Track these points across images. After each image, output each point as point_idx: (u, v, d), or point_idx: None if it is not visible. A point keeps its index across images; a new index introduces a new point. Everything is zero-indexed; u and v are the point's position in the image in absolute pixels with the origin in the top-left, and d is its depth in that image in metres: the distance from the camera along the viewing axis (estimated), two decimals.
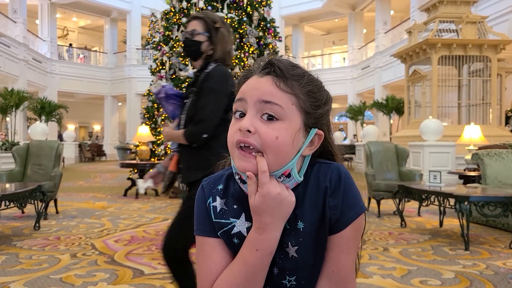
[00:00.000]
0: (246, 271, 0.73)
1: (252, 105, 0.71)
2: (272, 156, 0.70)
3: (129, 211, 5.62)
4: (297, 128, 0.72)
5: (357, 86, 19.38)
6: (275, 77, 0.72)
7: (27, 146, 5.72)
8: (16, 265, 3.12)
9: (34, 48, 17.74)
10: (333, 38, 24.68)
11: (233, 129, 0.73)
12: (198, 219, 0.80)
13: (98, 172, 13.02)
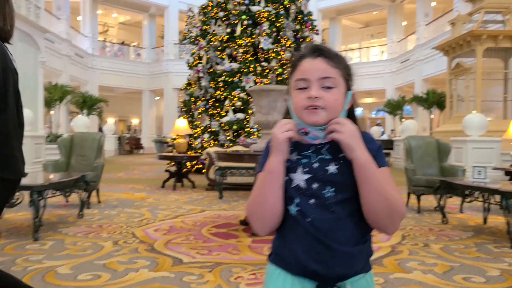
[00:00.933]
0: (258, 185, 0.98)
1: (314, 80, 0.97)
2: (332, 112, 0.97)
3: (167, 202, 5.74)
4: (344, 92, 0.99)
5: (396, 80, 18.94)
6: (325, 57, 0.98)
7: (71, 137, 5.93)
8: (63, 251, 3.25)
9: (76, 44, 18.34)
10: (371, 31, 24.19)
11: (301, 97, 0.97)
12: (260, 161, 1.04)
13: (136, 165, 13.35)
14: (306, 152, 0.98)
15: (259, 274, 2.74)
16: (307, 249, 0.94)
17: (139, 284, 2.55)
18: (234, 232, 3.94)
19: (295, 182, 0.97)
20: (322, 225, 0.93)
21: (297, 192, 0.96)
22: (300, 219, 0.95)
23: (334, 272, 0.94)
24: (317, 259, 0.93)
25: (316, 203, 0.95)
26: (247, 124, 8.79)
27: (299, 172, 0.97)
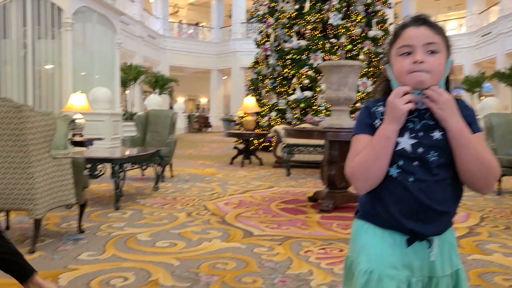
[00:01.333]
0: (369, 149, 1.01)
1: (419, 46, 1.00)
2: (435, 76, 1.00)
3: (236, 178, 5.88)
4: (445, 59, 1.03)
5: (475, 55, 17.69)
6: (428, 25, 1.02)
7: (146, 114, 6.23)
8: (141, 220, 3.47)
9: (149, 26, 19.03)
10: (448, 3, 22.65)
11: (405, 63, 1.01)
12: (358, 124, 1.08)
13: (205, 142, 13.77)
14: (410, 116, 1.02)
15: (328, 249, 2.75)
16: (406, 209, 1.01)
17: (213, 253, 2.66)
18: (302, 208, 3.97)
19: (400, 146, 1.01)
20: (424, 186, 0.99)
21: (401, 155, 1.01)
22: (402, 180, 1.00)
23: (430, 230, 1.01)
24: (415, 218, 1.00)
25: (420, 166, 1.00)
26: (315, 102, 8.70)
27: (406, 137, 1.01)
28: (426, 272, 1.03)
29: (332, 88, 3.82)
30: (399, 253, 1.02)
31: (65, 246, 2.75)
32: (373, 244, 1.04)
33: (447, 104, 0.97)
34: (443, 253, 1.04)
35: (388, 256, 1.02)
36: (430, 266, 1.03)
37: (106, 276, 2.25)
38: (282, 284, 2.18)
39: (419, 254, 1.02)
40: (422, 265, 1.02)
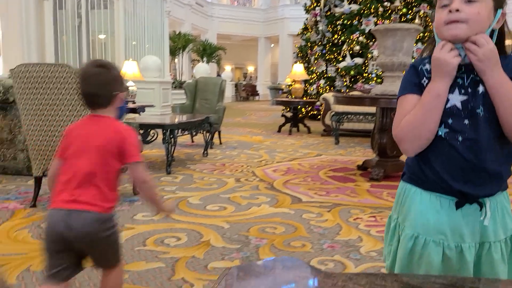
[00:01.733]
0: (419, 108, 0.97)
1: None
2: (474, 26, 0.92)
3: (284, 146, 5.88)
4: (490, 8, 0.93)
5: None
6: None
7: (196, 82, 6.30)
8: (192, 184, 3.57)
9: None
10: None
11: (443, 14, 0.96)
12: (404, 84, 1.04)
13: (253, 110, 13.81)
14: (459, 73, 0.96)
15: (378, 217, 2.71)
16: (455, 170, 0.96)
17: (261, 218, 2.70)
18: (351, 176, 3.92)
19: (450, 103, 0.96)
20: (474, 145, 0.94)
21: (451, 113, 0.96)
22: (450, 139, 0.96)
23: (480, 191, 0.96)
24: (464, 179, 0.96)
25: (470, 124, 0.95)
26: (366, 69, 8.44)
27: (456, 93, 0.96)
28: (478, 237, 0.98)
29: (386, 53, 3.67)
30: (446, 217, 0.98)
31: (121, 207, 2.89)
32: (419, 209, 1.01)
33: (486, 55, 0.91)
34: (495, 216, 0.98)
35: (435, 221, 0.99)
36: (482, 231, 0.98)
37: (160, 236, 2.35)
38: (331, 249, 2.19)
39: (470, 218, 0.97)
40: (473, 230, 0.98)
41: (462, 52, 0.95)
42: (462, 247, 0.98)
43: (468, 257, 0.98)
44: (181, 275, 1.87)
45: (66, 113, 2.63)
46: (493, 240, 0.98)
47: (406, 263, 1.04)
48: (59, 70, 2.55)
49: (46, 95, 2.61)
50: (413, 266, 1.02)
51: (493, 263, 0.98)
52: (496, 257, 0.98)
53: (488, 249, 0.98)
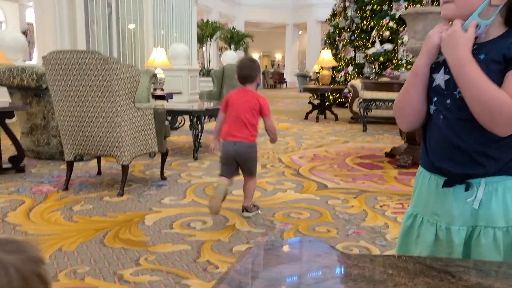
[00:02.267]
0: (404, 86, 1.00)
1: None
2: (461, 5, 0.90)
3: (311, 133, 5.85)
4: None
5: None
6: None
7: (222, 69, 6.32)
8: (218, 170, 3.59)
9: None
10: None
11: None
12: None
13: (280, 98, 13.75)
14: None
15: (406, 204, 2.68)
16: (438, 147, 0.97)
17: (287, 203, 2.71)
18: (379, 163, 3.87)
19: (436, 82, 0.96)
20: (454, 124, 0.93)
21: (435, 91, 0.96)
22: (435, 117, 0.96)
23: (461, 170, 0.94)
24: (445, 157, 0.96)
25: (451, 103, 0.93)
26: (395, 56, 8.25)
27: (441, 73, 0.95)
28: (470, 220, 0.95)
29: (416, 38, 3.57)
30: (440, 198, 0.97)
31: (149, 191, 2.95)
32: (419, 188, 1.03)
33: (450, 36, 0.89)
34: (490, 200, 0.93)
35: (431, 201, 0.99)
36: (472, 214, 0.94)
37: (187, 219, 2.39)
38: (356, 235, 2.18)
39: (460, 200, 0.95)
40: (463, 212, 0.95)
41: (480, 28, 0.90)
42: (452, 229, 0.96)
43: (456, 240, 0.96)
44: (206, 258, 1.91)
45: (96, 99, 2.69)
46: (484, 225, 0.94)
47: (403, 241, 1.06)
48: (89, 57, 2.61)
49: (77, 81, 2.68)
50: (411, 244, 1.04)
51: (480, 249, 0.95)
52: (484, 242, 0.94)
53: (478, 234, 0.95)
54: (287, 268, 0.80)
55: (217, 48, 18.41)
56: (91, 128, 2.77)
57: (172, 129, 5.49)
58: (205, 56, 17.09)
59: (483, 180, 0.93)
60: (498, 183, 0.93)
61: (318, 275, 0.79)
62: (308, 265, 0.83)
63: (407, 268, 0.82)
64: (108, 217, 2.42)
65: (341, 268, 0.84)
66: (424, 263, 0.86)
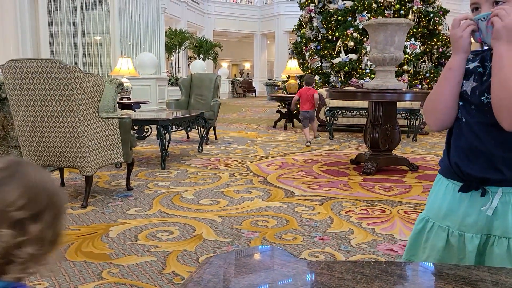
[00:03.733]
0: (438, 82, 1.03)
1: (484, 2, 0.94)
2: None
3: (279, 141, 5.90)
4: None
5: None
6: None
7: (190, 78, 6.30)
8: (186, 179, 3.58)
9: None
10: None
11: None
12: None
13: (249, 106, 13.80)
14: (487, 62, 0.98)
15: (370, 210, 2.73)
16: (459, 150, 1.00)
17: (254, 211, 2.72)
18: (344, 170, 3.94)
19: (463, 88, 0.99)
20: (475, 127, 0.96)
21: (462, 96, 1.00)
22: (460, 121, 1.00)
23: (479, 174, 0.96)
24: (466, 159, 0.98)
25: (476, 109, 0.97)
26: (360, 65, 8.44)
27: (470, 80, 0.99)
28: (484, 229, 0.96)
29: (378, 48, 3.68)
30: (456, 204, 1.00)
31: (115, 202, 2.90)
32: (435, 193, 1.05)
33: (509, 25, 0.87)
34: (509, 212, 0.94)
35: (445, 208, 1.01)
36: (487, 222, 0.95)
37: (153, 230, 2.36)
38: (322, 242, 2.21)
39: (475, 208, 0.96)
40: (478, 220, 0.96)
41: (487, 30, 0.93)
42: (465, 236, 0.97)
43: (469, 247, 0.97)
44: (172, 269, 1.88)
45: (57, 109, 2.63)
46: (498, 235, 0.95)
47: (412, 244, 1.08)
48: (50, 66, 2.56)
49: (37, 90, 2.61)
50: (419, 247, 1.06)
51: (493, 258, 0.96)
52: (497, 251, 0.95)
53: (492, 243, 0.96)
54: (245, 278, 0.81)
55: (186, 57, 18.33)
56: (53, 138, 2.70)
57: (139, 139, 5.42)
58: (173, 65, 16.98)
59: (500, 189, 0.94)
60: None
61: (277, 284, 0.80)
62: (266, 273, 0.84)
63: (363, 273, 0.84)
64: (70, 230, 2.36)
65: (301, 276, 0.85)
66: (379, 268, 0.89)
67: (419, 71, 8.43)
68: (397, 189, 3.28)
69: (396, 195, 3.11)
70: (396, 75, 4.02)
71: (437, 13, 8.64)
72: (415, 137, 6.09)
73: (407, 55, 8.02)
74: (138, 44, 10.73)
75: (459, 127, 1.00)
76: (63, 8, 9.42)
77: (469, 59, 1.00)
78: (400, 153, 4.56)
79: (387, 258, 2.02)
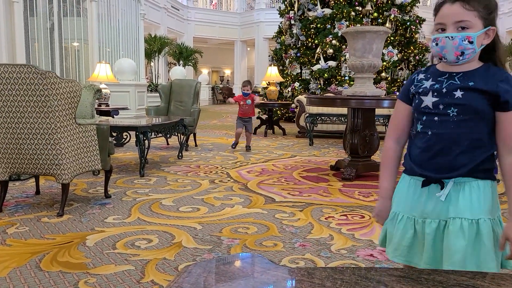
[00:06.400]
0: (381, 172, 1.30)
1: (450, 24, 1.10)
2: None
3: (259, 147, 5.90)
4: (480, 29, 1.09)
5: (508, 23, 16.90)
6: (462, 2, 1.08)
7: (170, 84, 6.26)
8: (165, 186, 3.54)
9: None
10: None
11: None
12: (402, 89, 1.25)
13: (230, 113, 13.79)
14: (440, 78, 1.14)
15: (350, 216, 2.75)
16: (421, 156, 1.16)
17: (234, 218, 2.70)
18: (324, 176, 3.96)
19: (424, 103, 1.15)
20: (440, 138, 1.12)
21: (424, 112, 1.15)
22: (423, 133, 1.15)
23: (439, 175, 1.14)
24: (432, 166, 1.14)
25: (439, 120, 1.12)
26: (339, 72, 8.54)
27: (429, 96, 1.14)
28: (441, 214, 1.13)
29: (356, 55, 3.73)
30: (417, 196, 1.17)
31: (92, 210, 2.84)
32: (400, 190, 1.22)
33: None
34: (458, 196, 1.12)
35: (409, 200, 1.19)
36: (442, 208, 1.13)
37: (131, 238, 2.32)
38: (302, 248, 2.21)
39: (432, 197, 1.15)
40: (435, 207, 1.14)
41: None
42: (425, 222, 1.15)
43: (427, 230, 1.14)
44: (150, 278, 1.85)
45: (33, 115, 2.58)
46: (453, 216, 1.11)
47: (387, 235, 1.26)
48: (25, 71, 2.50)
49: (12, 96, 2.55)
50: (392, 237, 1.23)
51: (449, 235, 1.11)
52: (452, 229, 1.10)
53: (448, 225, 1.12)
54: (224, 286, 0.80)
55: (166, 64, 18.23)
56: (28, 145, 2.64)
57: (117, 146, 5.34)
58: (153, 72, 16.86)
59: (452, 180, 1.13)
60: (465, 183, 1.13)
61: None
62: (246, 281, 0.83)
63: (343, 279, 0.84)
64: (45, 239, 2.30)
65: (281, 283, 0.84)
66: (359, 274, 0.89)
67: (396, 78, 8.58)
68: (376, 194, 3.31)
69: (375, 201, 3.14)
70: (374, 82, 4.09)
71: (414, 22, 8.83)
72: None
73: (385, 63, 8.16)
74: (117, 50, 10.63)
75: (422, 138, 1.15)
76: (40, 13, 9.25)
77: (421, 79, 1.18)
78: (378, 159, 4.61)
79: (367, 264, 2.03)
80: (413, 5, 8.95)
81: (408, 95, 1.21)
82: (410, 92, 1.19)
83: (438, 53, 1.13)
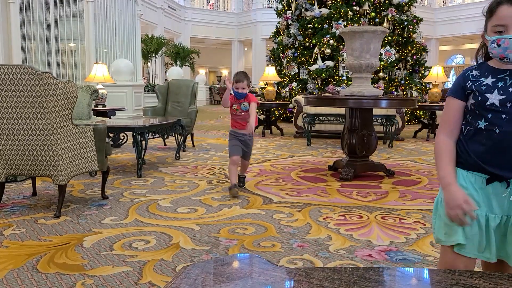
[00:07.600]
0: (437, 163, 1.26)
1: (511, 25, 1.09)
2: None
3: (257, 148, 5.89)
4: None
5: None
6: None
7: (167, 84, 6.25)
8: (163, 187, 3.53)
9: None
10: None
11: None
12: (453, 85, 1.25)
13: (227, 114, 13.74)
14: (502, 75, 1.15)
15: (348, 216, 2.74)
16: (490, 156, 1.16)
17: (232, 219, 2.69)
18: (322, 176, 3.96)
19: (490, 101, 1.15)
20: (509, 136, 1.13)
21: (490, 109, 1.15)
22: (489, 130, 1.15)
23: (506, 174, 1.16)
24: (496, 163, 1.16)
25: (507, 118, 1.13)
26: (337, 72, 8.55)
27: (495, 94, 1.14)
28: (505, 210, 1.17)
29: (354, 55, 3.73)
30: (481, 191, 1.19)
31: (89, 211, 2.83)
32: (459, 184, 1.21)
33: None
34: None
35: (472, 194, 1.19)
36: (508, 206, 1.17)
37: (129, 239, 2.31)
38: (300, 249, 2.20)
39: (498, 194, 1.17)
40: (501, 204, 1.17)
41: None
42: (489, 217, 1.18)
43: (492, 224, 1.18)
44: (148, 279, 1.84)
45: (29, 116, 2.56)
46: None
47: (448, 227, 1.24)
48: (21, 72, 2.49)
49: (8, 97, 2.54)
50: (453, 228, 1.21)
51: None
52: None
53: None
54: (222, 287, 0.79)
55: (163, 64, 18.21)
56: (24, 146, 2.62)
57: (114, 146, 5.33)
58: (150, 72, 16.84)
59: None
60: None
61: None
62: (244, 282, 0.82)
63: (342, 279, 0.83)
64: (42, 240, 2.29)
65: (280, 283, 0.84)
66: (357, 274, 0.88)
67: (394, 78, 8.59)
68: (374, 194, 3.31)
69: (373, 201, 3.14)
70: (372, 82, 4.10)
71: (411, 22, 8.84)
72: (391, 143, 6.19)
73: (382, 62, 8.17)
74: (114, 51, 10.61)
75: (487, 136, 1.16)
76: (36, 14, 9.23)
77: (477, 76, 1.18)
78: (376, 159, 4.62)
79: (365, 264, 2.03)
80: (411, 5, 8.97)
81: (462, 91, 1.21)
82: (467, 88, 1.19)
83: (500, 54, 1.13)
